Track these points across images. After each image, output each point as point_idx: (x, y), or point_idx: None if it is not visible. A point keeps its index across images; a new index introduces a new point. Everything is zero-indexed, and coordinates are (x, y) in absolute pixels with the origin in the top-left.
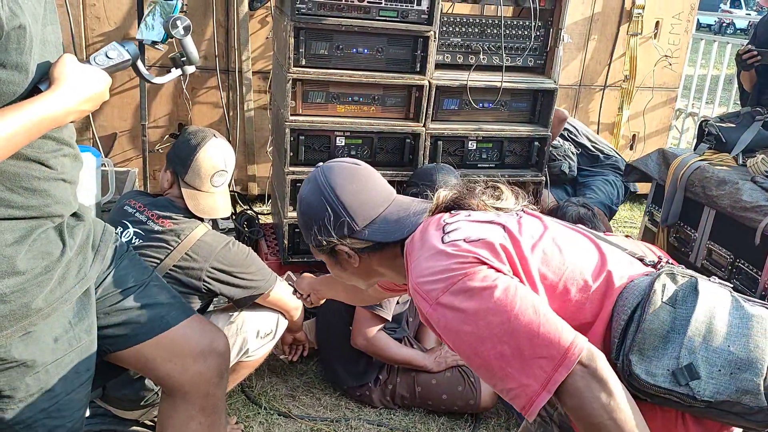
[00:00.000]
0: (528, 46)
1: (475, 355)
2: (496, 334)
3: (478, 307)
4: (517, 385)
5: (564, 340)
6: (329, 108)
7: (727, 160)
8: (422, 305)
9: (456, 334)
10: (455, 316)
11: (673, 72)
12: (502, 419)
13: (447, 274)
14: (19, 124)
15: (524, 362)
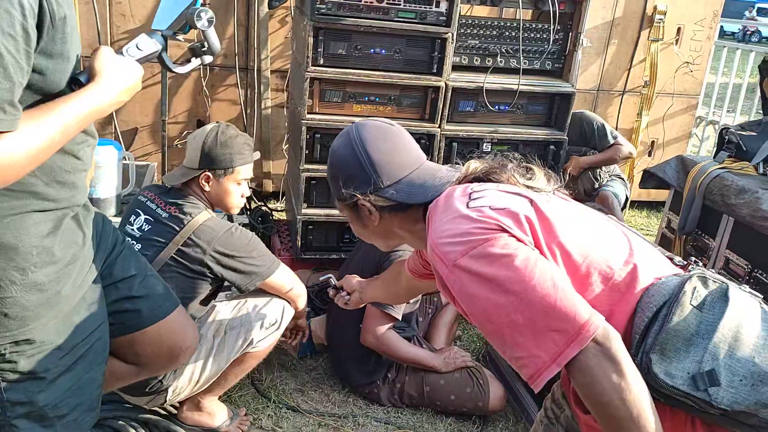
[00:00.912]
0: (546, 50)
1: (488, 321)
2: (511, 302)
3: (495, 273)
4: (527, 354)
5: (580, 317)
6: (346, 107)
7: (747, 168)
8: (439, 266)
9: (470, 298)
10: (471, 280)
11: (695, 79)
12: (510, 422)
13: (467, 238)
14: (73, 116)
15: (537, 333)
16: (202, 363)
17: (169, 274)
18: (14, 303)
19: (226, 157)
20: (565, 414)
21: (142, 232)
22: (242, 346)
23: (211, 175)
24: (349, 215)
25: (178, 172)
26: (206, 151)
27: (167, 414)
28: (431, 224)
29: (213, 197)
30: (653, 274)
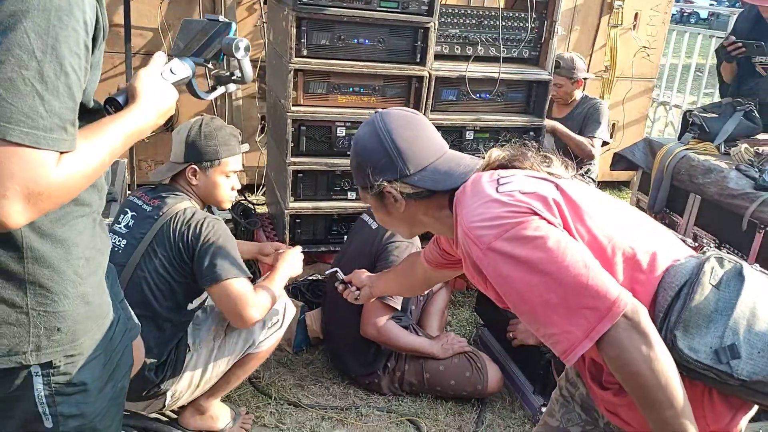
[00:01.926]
0: (523, 38)
1: (521, 301)
2: (544, 282)
3: (529, 255)
4: (560, 331)
5: (610, 294)
6: (330, 99)
7: (710, 149)
8: (473, 250)
9: (504, 279)
10: (506, 262)
11: (651, 63)
12: (507, 402)
13: (500, 221)
14: (119, 137)
15: (570, 311)
16: (203, 367)
17: (149, 264)
18: (66, 317)
19: (210, 148)
20: (580, 392)
21: (128, 228)
22: (244, 348)
23: (197, 168)
24: (373, 203)
25: (164, 168)
26: (190, 144)
27: (168, 420)
28: (460, 210)
29: (202, 191)
30: (671, 256)
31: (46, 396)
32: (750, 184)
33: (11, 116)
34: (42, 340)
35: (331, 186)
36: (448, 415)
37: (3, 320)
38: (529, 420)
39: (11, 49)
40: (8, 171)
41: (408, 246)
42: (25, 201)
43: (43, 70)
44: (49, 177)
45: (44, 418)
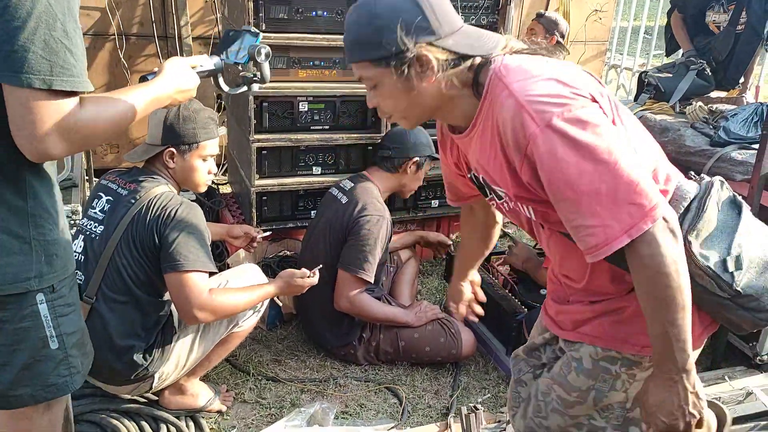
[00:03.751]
0: (482, 5)
1: (568, 186)
2: (598, 171)
3: (588, 140)
4: (600, 224)
5: (655, 195)
6: (291, 73)
7: (666, 108)
8: (529, 125)
9: (558, 161)
10: (563, 144)
11: (603, 26)
12: (480, 365)
13: (562, 100)
14: (141, 99)
15: (615, 205)
16: (189, 347)
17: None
18: (59, 244)
19: (189, 131)
20: (523, 347)
21: (104, 213)
22: (228, 327)
23: (175, 151)
24: (388, 79)
25: (140, 149)
26: (169, 126)
27: (148, 401)
28: (504, 86)
29: (179, 175)
30: (678, 177)
31: (51, 319)
32: (706, 141)
33: (51, 70)
34: (43, 267)
35: (295, 162)
36: (425, 380)
37: (10, 251)
38: (503, 380)
39: (41, 17)
40: (47, 115)
41: (379, 219)
42: (60, 137)
43: (66, 29)
44: (76, 116)
45: (50, 341)
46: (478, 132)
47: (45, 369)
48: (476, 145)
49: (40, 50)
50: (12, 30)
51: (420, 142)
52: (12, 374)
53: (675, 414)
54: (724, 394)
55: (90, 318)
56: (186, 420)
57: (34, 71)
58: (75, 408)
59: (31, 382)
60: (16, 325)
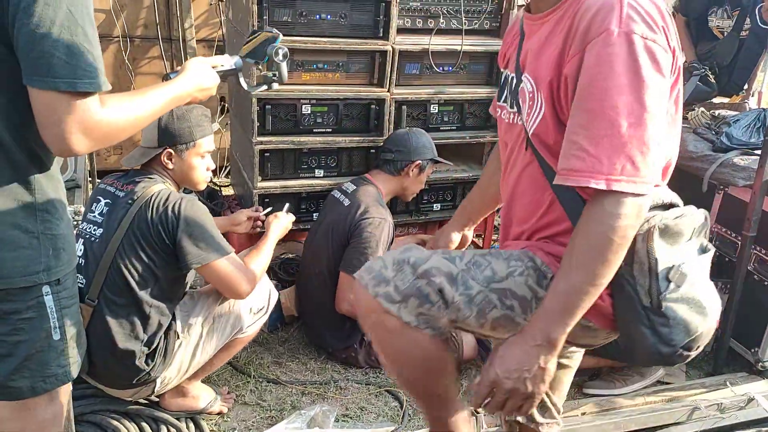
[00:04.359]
0: (484, 9)
1: (596, 100)
2: (633, 108)
3: (647, 76)
4: (594, 153)
5: (656, 173)
6: (294, 76)
7: None
8: (613, 20)
9: (608, 70)
10: (626, 60)
11: None
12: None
13: (656, 27)
14: (160, 99)
15: (619, 148)
16: (192, 352)
17: (129, 251)
18: (65, 239)
19: (185, 130)
20: None
21: (103, 216)
22: (231, 333)
23: (173, 152)
24: None
25: (136, 153)
26: (164, 127)
27: (148, 402)
28: None
29: (178, 175)
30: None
31: (56, 311)
32: (708, 147)
33: (75, 72)
34: (51, 260)
35: (298, 164)
36: None
37: (19, 245)
38: None
39: (63, 24)
40: (72, 114)
41: (381, 222)
42: (84, 135)
43: (86, 32)
44: (99, 115)
45: (53, 332)
46: (557, 17)
47: (47, 359)
48: (545, 30)
49: (63, 55)
50: (38, 38)
51: (422, 145)
52: (13, 365)
53: (518, 379)
54: (726, 400)
55: (92, 321)
56: (186, 422)
57: (59, 75)
58: (75, 408)
59: (31, 373)
60: (22, 316)
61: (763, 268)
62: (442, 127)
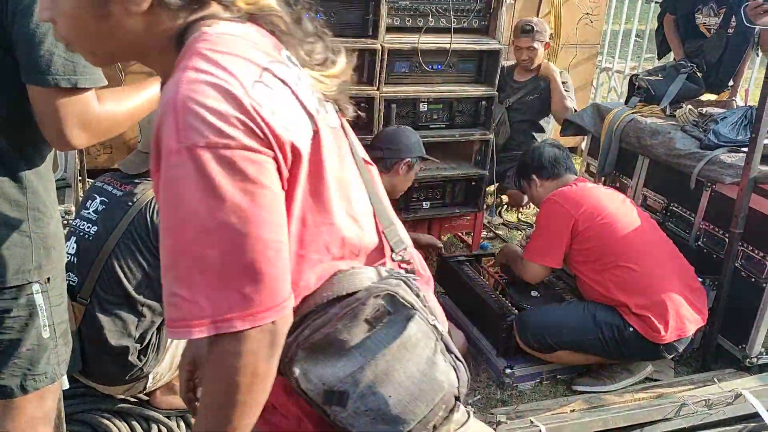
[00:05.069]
0: (473, 8)
1: (175, 231)
2: (223, 232)
3: (231, 192)
4: (189, 297)
5: (277, 293)
6: None
7: (656, 111)
8: (165, 132)
9: (181, 198)
10: (199, 183)
11: (594, 29)
12: (471, 366)
13: (227, 123)
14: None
15: (220, 280)
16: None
17: (125, 251)
18: (55, 237)
19: None
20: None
21: (98, 214)
22: None
23: None
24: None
25: (136, 159)
26: None
27: (139, 401)
28: (190, 56)
29: None
30: (356, 256)
31: (46, 309)
32: (695, 144)
33: (75, 69)
34: (42, 259)
35: None
36: None
37: (12, 243)
38: (493, 382)
39: None
40: (71, 110)
41: None
42: (83, 130)
43: None
44: (95, 111)
45: (43, 330)
46: None
47: (36, 358)
48: None
49: (63, 53)
50: (38, 38)
51: (411, 142)
52: (3, 363)
53: None
54: (713, 396)
55: (85, 320)
56: (177, 420)
57: (60, 73)
58: (66, 407)
59: (21, 372)
60: (12, 314)
61: (750, 264)
62: (432, 126)
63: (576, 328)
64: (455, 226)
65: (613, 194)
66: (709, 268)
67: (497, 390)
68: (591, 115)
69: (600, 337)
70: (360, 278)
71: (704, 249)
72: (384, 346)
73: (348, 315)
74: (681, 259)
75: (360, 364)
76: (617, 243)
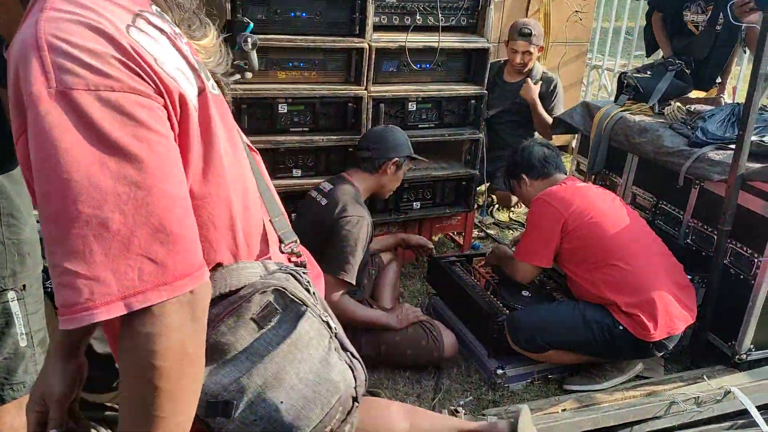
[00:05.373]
0: (461, 6)
1: (58, 196)
2: (119, 188)
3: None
4: (89, 273)
5: (193, 254)
6: (270, 75)
7: (645, 109)
8: (27, 78)
9: (61, 153)
10: (82, 133)
11: (584, 27)
12: (462, 367)
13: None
14: None
15: (126, 250)
16: None
17: None
18: (31, 243)
19: None
20: None
21: None
22: None
23: None
24: None
25: None
26: None
27: None
28: (39, 3)
29: None
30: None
31: (23, 317)
32: (684, 142)
33: None
34: (16, 266)
35: (275, 164)
36: (407, 384)
37: None
38: (485, 382)
39: None
40: None
41: (359, 220)
42: None
43: None
44: None
45: (20, 339)
46: None
47: (14, 366)
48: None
49: None
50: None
51: (399, 142)
52: None
53: None
54: (703, 394)
55: None
56: None
57: None
58: None
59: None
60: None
61: (739, 261)
62: (421, 125)
63: (566, 328)
64: (446, 227)
65: (603, 193)
66: (698, 265)
67: (489, 391)
68: (580, 114)
69: (590, 336)
70: (245, 273)
71: (693, 246)
72: (273, 348)
73: (232, 314)
74: (670, 257)
75: (247, 369)
76: (607, 242)
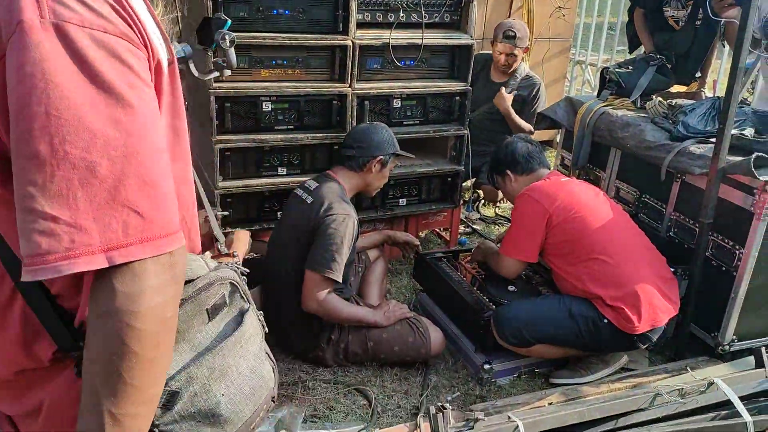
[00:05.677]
0: (444, 3)
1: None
2: (108, 131)
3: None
4: (71, 220)
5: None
6: (254, 73)
7: (627, 104)
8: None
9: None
10: (73, 66)
11: (567, 22)
12: (449, 363)
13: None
14: None
15: (111, 197)
16: None
17: None
18: None
19: None
20: None
21: None
22: None
23: None
24: None
25: None
26: None
27: None
28: None
29: None
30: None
31: None
32: (665, 136)
33: None
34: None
35: (260, 163)
36: (394, 380)
37: None
38: (472, 378)
39: None
40: None
41: (345, 218)
42: None
43: None
44: None
45: None
46: None
47: None
48: None
49: None
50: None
51: (384, 140)
52: None
53: None
54: (687, 385)
55: None
56: None
57: None
58: None
59: None
60: None
61: (721, 253)
62: (406, 122)
63: (552, 322)
64: (432, 223)
65: (587, 188)
66: (680, 258)
67: (476, 386)
68: (564, 109)
69: (576, 330)
70: (195, 265)
71: (675, 239)
72: (220, 341)
73: (191, 302)
74: (653, 250)
75: (194, 360)
76: (591, 236)
